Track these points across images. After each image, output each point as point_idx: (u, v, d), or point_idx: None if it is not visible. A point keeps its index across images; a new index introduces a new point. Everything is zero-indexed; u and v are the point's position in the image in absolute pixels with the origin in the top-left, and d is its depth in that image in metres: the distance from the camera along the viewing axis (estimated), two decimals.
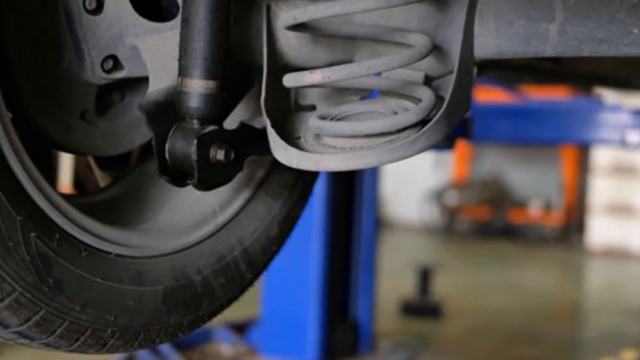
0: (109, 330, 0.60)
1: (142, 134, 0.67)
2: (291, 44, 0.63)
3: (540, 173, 5.93)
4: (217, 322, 2.29)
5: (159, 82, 0.61)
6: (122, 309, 0.60)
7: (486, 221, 5.85)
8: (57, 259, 0.57)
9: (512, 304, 3.52)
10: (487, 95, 3.04)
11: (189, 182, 0.61)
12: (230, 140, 0.60)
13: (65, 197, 0.60)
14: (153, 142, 0.59)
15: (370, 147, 0.57)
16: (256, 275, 0.71)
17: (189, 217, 0.68)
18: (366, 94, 0.67)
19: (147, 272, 0.63)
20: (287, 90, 0.64)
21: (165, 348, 2.22)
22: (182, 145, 0.59)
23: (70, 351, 0.60)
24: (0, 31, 0.58)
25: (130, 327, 0.61)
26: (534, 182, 5.95)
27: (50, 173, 0.64)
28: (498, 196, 5.86)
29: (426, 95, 0.60)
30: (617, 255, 5.18)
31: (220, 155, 0.60)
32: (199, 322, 0.67)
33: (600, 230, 5.31)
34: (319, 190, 2.29)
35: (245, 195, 0.70)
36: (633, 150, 4.02)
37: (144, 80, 0.63)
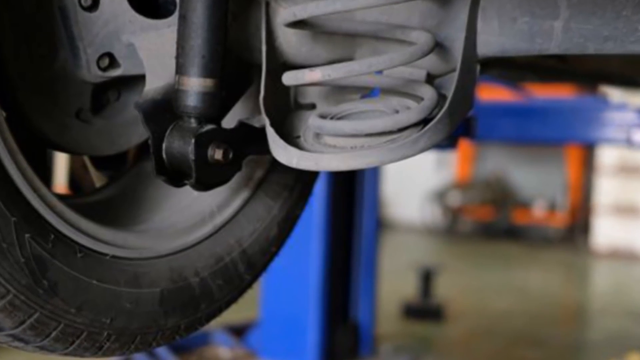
0: (105, 333, 0.59)
1: (139, 133, 0.67)
2: (290, 42, 0.62)
3: (545, 173, 5.91)
4: (215, 325, 2.28)
5: (156, 80, 0.61)
6: (118, 312, 0.59)
7: (489, 222, 5.83)
8: (52, 260, 0.56)
9: (516, 306, 3.50)
10: (490, 93, 3.03)
11: (186, 182, 0.60)
12: (228, 140, 0.60)
13: (60, 197, 0.59)
14: (150, 142, 0.58)
15: (371, 147, 0.56)
16: (255, 276, 0.70)
17: (187, 217, 0.67)
18: (367, 92, 0.66)
19: (144, 274, 0.62)
20: (287, 88, 0.64)
21: (163, 351, 2.21)
22: (179, 144, 0.58)
23: (66, 354, 0.60)
24: None
25: (126, 329, 0.60)
26: (538, 182, 5.92)
27: (45, 173, 0.63)
28: (501, 196, 5.84)
29: (428, 93, 0.59)
30: (623, 256, 5.15)
31: (218, 154, 0.59)
32: (196, 324, 0.66)
33: (606, 231, 5.28)
34: (319, 190, 2.28)
35: (244, 195, 0.69)
36: (639, 150, 4.00)
37: (140, 79, 0.62)
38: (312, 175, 0.75)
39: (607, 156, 5.24)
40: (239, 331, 2.46)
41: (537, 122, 2.50)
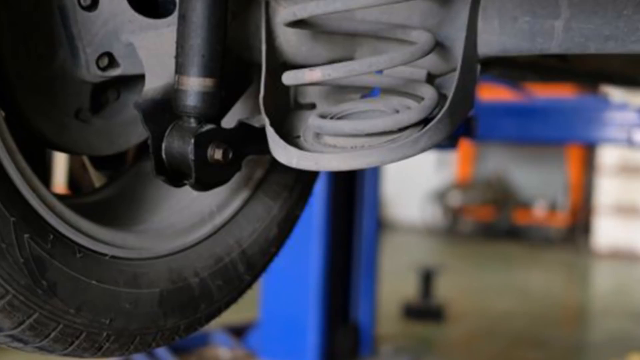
0: (104, 334, 0.59)
1: (138, 133, 0.66)
2: (290, 41, 0.62)
3: (545, 173, 5.91)
4: (215, 325, 2.28)
5: (156, 80, 0.60)
6: (117, 312, 0.59)
7: (490, 222, 5.83)
8: (51, 260, 0.56)
9: (517, 307, 3.50)
10: (491, 93, 3.03)
11: (185, 182, 0.60)
12: (228, 140, 0.59)
13: (59, 197, 0.59)
14: (149, 142, 0.58)
15: (371, 147, 0.56)
16: (255, 277, 0.70)
17: (186, 218, 0.67)
18: (367, 92, 0.66)
19: (143, 274, 0.62)
20: (287, 88, 0.63)
21: (162, 352, 2.20)
22: (179, 144, 0.58)
23: (65, 355, 0.59)
24: None
25: (126, 330, 0.60)
26: (538, 182, 5.92)
27: (44, 173, 0.63)
28: (502, 197, 5.84)
29: (428, 93, 0.59)
30: (624, 257, 5.15)
31: (217, 154, 0.59)
32: (196, 325, 0.66)
33: (607, 231, 5.28)
34: (319, 190, 2.27)
35: (243, 195, 0.69)
36: None
37: (140, 78, 0.62)
38: (312, 175, 0.75)
39: (608, 156, 5.24)
40: (238, 332, 2.46)
41: (538, 122, 2.50)
